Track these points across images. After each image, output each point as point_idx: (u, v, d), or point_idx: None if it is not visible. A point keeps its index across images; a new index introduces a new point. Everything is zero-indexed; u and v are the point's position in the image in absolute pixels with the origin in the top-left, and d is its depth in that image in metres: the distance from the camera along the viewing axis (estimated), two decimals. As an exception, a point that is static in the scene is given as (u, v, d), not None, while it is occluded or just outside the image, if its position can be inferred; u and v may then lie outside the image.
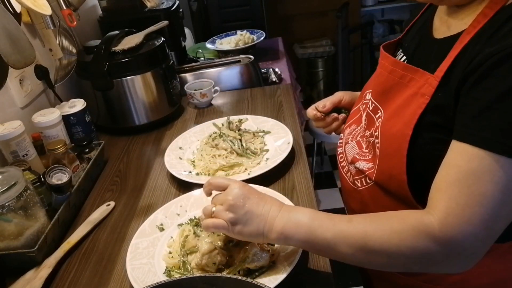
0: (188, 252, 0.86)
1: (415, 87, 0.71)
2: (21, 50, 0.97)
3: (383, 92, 0.79)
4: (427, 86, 0.68)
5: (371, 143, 0.79)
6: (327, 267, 0.83)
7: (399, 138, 0.71)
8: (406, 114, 0.71)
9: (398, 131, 0.71)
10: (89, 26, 1.85)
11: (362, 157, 0.83)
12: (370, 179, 0.79)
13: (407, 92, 0.72)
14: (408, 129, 0.69)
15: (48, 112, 1.25)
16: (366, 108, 0.85)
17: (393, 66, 0.77)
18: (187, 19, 2.52)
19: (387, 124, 0.75)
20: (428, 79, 0.69)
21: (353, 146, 0.87)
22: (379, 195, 0.78)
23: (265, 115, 1.40)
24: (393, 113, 0.74)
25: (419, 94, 0.69)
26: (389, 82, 0.77)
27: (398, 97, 0.74)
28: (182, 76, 1.72)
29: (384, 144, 0.75)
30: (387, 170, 0.74)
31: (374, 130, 0.78)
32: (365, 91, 0.90)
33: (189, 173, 1.15)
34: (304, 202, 1.01)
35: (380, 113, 0.78)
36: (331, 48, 3.72)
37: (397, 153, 0.71)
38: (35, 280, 0.88)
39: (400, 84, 0.74)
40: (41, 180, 1.02)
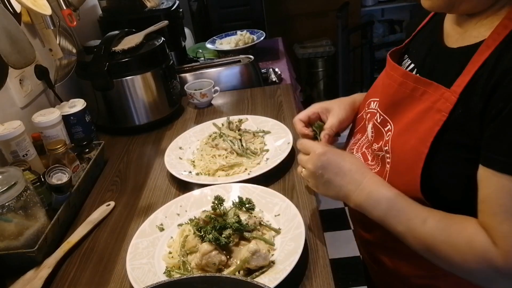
0: (188, 252, 0.86)
1: (429, 101, 0.67)
2: (21, 50, 0.97)
3: (392, 104, 0.76)
4: (443, 101, 0.65)
5: (380, 157, 0.77)
6: (327, 267, 0.83)
7: (414, 156, 0.68)
8: (420, 130, 0.68)
9: (413, 148, 0.69)
10: (89, 26, 1.85)
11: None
12: None
13: (420, 106, 0.69)
14: (424, 147, 0.66)
15: (48, 112, 1.25)
16: (372, 118, 0.82)
17: (404, 78, 0.73)
18: (187, 19, 2.52)
19: (399, 139, 0.72)
20: (443, 94, 0.65)
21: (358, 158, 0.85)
22: None
23: (265, 115, 1.40)
24: (405, 128, 0.71)
25: (434, 109, 0.66)
26: (399, 95, 0.74)
27: (410, 111, 0.71)
28: (182, 76, 1.72)
29: (396, 160, 0.73)
30: (400, 186, 0.72)
31: (384, 144, 0.76)
32: (368, 98, 0.87)
33: (189, 173, 1.15)
34: (304, 202, 1.01)
35: (389, 127, 0.76)
36: (331, 48, 3.72)
37: (411, 170, 0.69)
38: (35, 280, 0.88)
39: (411, 97, 0.71)
40: (41, 180, 1.02)
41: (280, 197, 0.98)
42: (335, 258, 2.35)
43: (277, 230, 0.89)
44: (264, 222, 0.91)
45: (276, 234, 0.89)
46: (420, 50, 0.79)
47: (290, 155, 1.15)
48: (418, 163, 0.67)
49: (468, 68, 0.63)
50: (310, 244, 0.88)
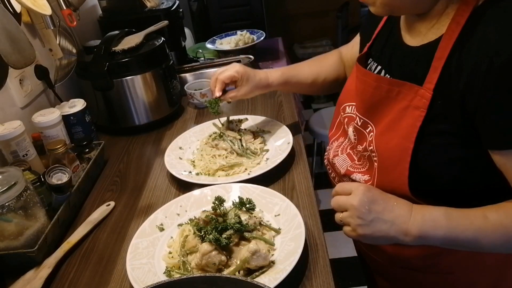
0: (188, 252, 0.86)
1: (406, 100, 0.72)
2: (21, 50, 0.97)
3: (370, 107, 0.79)
4: (419, 98, 0.69)
5: (367, 156, 0.80)
6: (327, 267, 0.83)
7: (400, 152, 0.72)
8: (402, 128, 0.72)
9: (398, 145, 0.72)
10: (89, 26, 1.85)
11: (356, 169, 0.84)
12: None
13: (397, 105, 0.73)
14: (409, 142, 0.70)
15: (48, 112, 1.25)
16: (351, 122, 0.86)
17: (377, 82, 0.77)
18: (187, 19, 2.52)
19: (382, 138, 0.76)
20: (418, 92, 0.70)
21: (344, 159, 0.88)
22: None
23: (265, 115, 1.40)
24: (387, 127, 0.75)
25: (412, 106, 0.70)
26: (375, 98, 0.78)
27: (388, 111, 0.75)
28: (182, 76, 1.72)
29: (382, 158, 0.76)
30: (389, 183, 0.75)
31: (368, 144, 0.79)
32: (342, 103, 0.90)
33: (189, 173, 1.15)
34: (304, 202, 1.01)
35: (371, 128, 0.79)
36: (331, 48, 3.72)
37: (398, 166, 0.72)
38: (35, 280, 0.88)
39: (387, 99, 0.75)
40: (41, 180, 1.02)
41: (280, 197, 0.98)
42: (335, 258, 2.35)
43: (277, 230, 0.89)
44: (264, 222, 0.91)
45: (276, 234, 0.89)
46: (384, 52, 0.83)
47: (290, 155, 1.15)
48: (405, 158, 0.71)
49: (434, 65, 0.68)
50: (310, 244, 0.88)
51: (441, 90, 0.67)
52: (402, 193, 0.73)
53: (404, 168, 0.71)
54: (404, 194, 0.73)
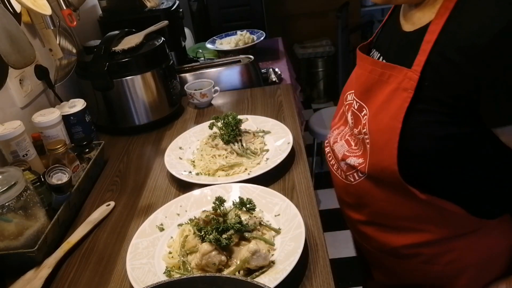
0: (188, 252, 0.86)
1: (395, 83, 0.75)
2: (21, 50, 0.97)
3: (365, 91, 0.83)
4: (407, 80, 0.72)
5: (361, 140, 0.83)
6: (327, 267, 0.83)
7: (389, 132, 0.74)
8: (391, 109, 0.75)
9: (387, 125, 0.75)
10: (89, 26, 1.85)
11: (352, 154, 0.86)
12: (362, 172, 0.82)
13: (388, 88, 0.76)
14: (397, 122, 0.73)
15: (48, 112, 1.25)
16: (350, 108, 0.89)
17: (373, 65, 0.81)
18: (187, 19, 2.52)
19: (373, 120, 0.79)
20: (407, 74, 0.72)
21: (342, 145, 0.90)
22: (373, 187, 0.82)
23: (265, 115, 1.40)
24: (378, 109, 0.78)
25: (401, 89, 0.73)
26: (370, 81, 0.81)
27: (380, 94, 0.78)
28: (182, 76, 1.72)
29: (373, 139, 0.78)
30: (379, 163, 0.78)
31: (362, 127, 0.82)
32: (345, 93, 0.93)
33: (189, 173, 1.15)
34: (304, 202, 1.01)
35: (365, 111, 0.82)
36: (331, 48, 3.72)
37: (387, 146, 0.75)
38: (35, 280, 0.88)
39: (380, 82, 0.78)
40: (41, 180, 1.02)
41: (280, 197, 0.98)
42: (335, 258, 2.35)
43: (277, 230, 0.89)
44: (264, 222, 0.91)
45: (276, 234, 0.89)
46: (384, 41, 0.87)
47: (290, 155, 1.15)
48: (394, 138, 0.73)
49: (423, 48, 0.70)
50: (310, 244, 0.88)
51: (429, 72, 0.70)
52: (391, 174, 0.75)
53: (393, 147, 0.73)
54: (394, 176, 0.75)
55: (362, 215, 0.90)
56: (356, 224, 0.94)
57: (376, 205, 0.84)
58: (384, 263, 0.94)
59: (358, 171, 0.83)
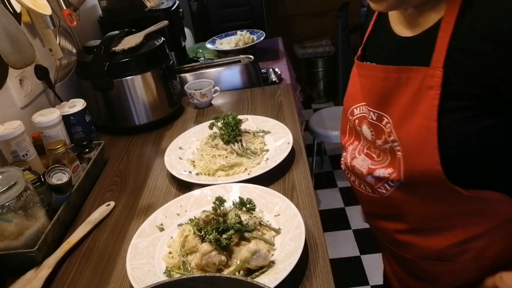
0: (188, 252, 0.86)
1: (416, 83, 0.73)
2: (21, 50, 0.97)
3: (382, 99, 0.80)
4: (430, 78, 0.70)
5: (387, 149, 0.80)
6: (327, 267, 0.83)
7: (425, 133, 0.72)
8: (421, 110, 0.72)
9: (421, 127, 0.72)
10: (89, 26, 1.85)
11: (378, 166, 0.83)
12: (393, 181, 0.79)
13: (408, 91, 0.74)
14: (431, 121, 0.71)
15: (48, 112, 1.25)
16: (363, 121, 0.85)
17: (385, 72, 0.78)
18: (187, 19, 2.52)
19: (402, 125, 0.76)
20: (427, 72, 0.71)
21: (363, 159, 0.87)
22: (408, 194, 0.79)
23: (265, 115, 1.40)
24: (404, 114, 0.75)
25: (425, 87, 0.71)
26: (386, 88, 0.78)
27: (401, 98, 0.76)
28: (182, 76, 1.72)
29: (406, 144, 0.75)
30: (417, 167, 0.74)
31: (387, 135, 0.79)
32: (349, 108, 0.90)
33: (189, 173, 1.15)
34: (304, 202, 1.01)
35: (386, 120, 0.79)
36: (331, 48, 3.72)
37: (425, 148, 0.72)
38: (35, 280, 0.88)
39: (398, 87, 0.76)
40: (41, 180, 1.02)
41: (280, 197, 0.98)
42: (335, 258, 2.35)
43: (277, 230, 0.89)
44: (264, 222, 0.91)
45: (276, 234, 0.89)
46: (378, 51, 0.85)
47: (290, 155, 1.15)
48: (431, 138, 0.71)
49: (439, 45, 0.69)
50: (310, 244, 0.88)
51: (452, 68, 0.68)
52: (434, 176, 0.73)
53: (433, 147, 0.71)
54: (436, 177, 0.73)
55: (400, 224, 0.86)
56: (392, 234, 0.90)
57: (415, 211, 0.81)
58: (428, 269, 0.90)
59: (388, 181, 0.80)
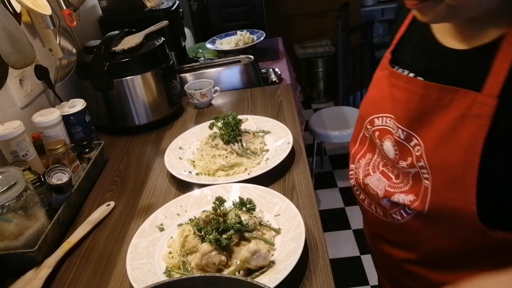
0: (188, 252, 0.86)
1: (461, 108, 0.64)
2: (21, 50, 0.97)
3: (416, 118, 0.70)
4: (479, 106, 0.62)
5: (412, 174, 0.72)
6: (327, 267, 0.83)
7: (463, 167, 0.64)
8: (462, 139, 0.64)
9: (460, 159, 0.64)
10: (89, 26, 1.85)
11: (397, 189, 0.75)
12: (411, 209, 0.72)
13: (450, 114, 0.65)
14: (474, 155, 0.62)
15: (48, 112, 1.25)
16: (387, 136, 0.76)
17: (426, 89, 0.69)
18: (187, 19, 2.52)
19: (436, 152, 0.67)
20: (476, 98, 0.62)
21: (379, 179, 0.79)
22: (428, 224, 0.72)
23: (265, 115, 1.40)
24: (440, 139, 0.67)
25: (471, 115, 0.62)
26: (422, 107, 0.69)
27: (439, 121, 0.67)
28: (182, 76, 1.72)
29: (438, 175, 0.67)
30: (447, 202, 0.67)
31: (416, 160, 0.70)
32: (368, 116, 0.81)
33: (189, 173, 1.15)
34: (304, 202, 1.01)
35: (416, 141, 0.71)
36: (331, 48, 3.72)
37: (461, 183, 0.64)
38: (35, 280, 0.88)
39: (438, 107, 0.67)
40: (41, 180, 1.02)
41: (280, 197, 0.98)
42: (335, 258, 2.35)
43: (277, 230, 0.89)
44: (264, 222, 0.91)
45: (276, 234, 0.89)
46: (415, 57, 0.75)
47: (290, 155, 1.15)
48: (470, 173, 0.63)
49: (496, 68, 0.60)
50: (310, 244, 0.88)
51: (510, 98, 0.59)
52: (465, 214, 0.65)
53: (471, 185, 0.63)
54: (468, 216, 0.65)
55: (410, 253, 0.80)
56: (401, 263, 0.83)
57: (431, 243, 0.74)
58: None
59: (406, 207, 0.73)
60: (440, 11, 0.60)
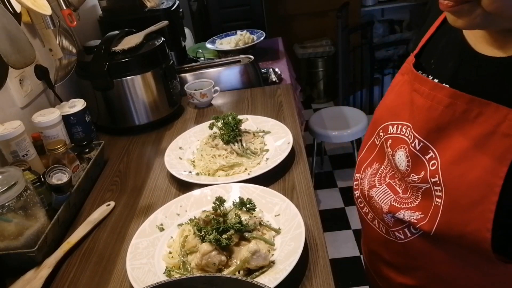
0: (188, 252, 0.86)
1: (489, 124, 0.58)
2: (21, 50, 0.97)
3: (436, 129, 0.65)
4: (511, 124, 0.56)
5: (422, 189, 0.67)
6: (327, 267, 0.83)
7: (482, 189, 0.58)
8: (485, 159, 0.58)
9: (479, 180, 0.59)
10: (89, 26, 1.85)
11: (403, 205, 0.70)
12: (417, 229, 0.68)
13: (475, 130, 0.60)
14: (496, 177, 0.57)
15: (48, 112, 1.25)
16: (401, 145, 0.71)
17: (453, 98, 0.62)
18: (187, 19, 2.52)
19: (454, 169, 0.62)
20: (508, 116, 0.56)
21: (384, 191, 0.74)
22: (433, 247, 0.68)
23: (265, 115, 1.40)
24: (460, 156, 0.61)
25: (500, 133, 0.57)
26: (445, 118, 0.63)
27: (461, 136, 0.61)
28: (182, 76, 1.72)
29: (454, 194, 0.62)
30: (459, 225, 0.61)
31: (430, 175, 0.65)
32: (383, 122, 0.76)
33: (189, 173, 1.15)
34: (304, 202, 1.01)
35: (432, 154, 0.65)
36: (331, 48, 3.72)
37: (478, 206, 0.59)
38: (35, 280, 0.88)
39: (462, 120, 0.61)
40: (41, 180, 1.02)
41: (280, 197, 0.98)
42: (335, 258, 2.35)
43: (277, 230, 0.89)
44: (264, 222, 0.91)
45: (276, 234, 0.89)
46: (443, 62, 0.68)
47: (290, 155, 1.15)
48: (490, 199, 0.58)
49: None
50: (310, 244, 0.88)
51: None
52: (477, 241, 0.60)
53: (488, 210, 0.58)
54: (479, 243, 0.60)
55: (411, 278, 0.75)
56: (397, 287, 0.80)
57: (435, 269, 0.70)
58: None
59: (411, 226, 0.68)
60: (476, 17, 0.54)
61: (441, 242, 0.66)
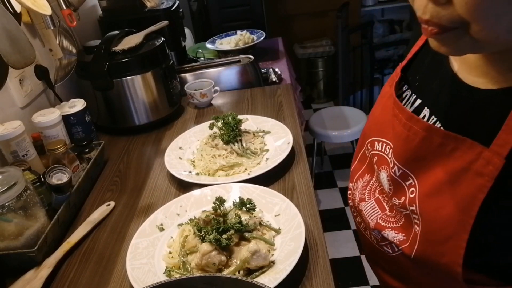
0: (188, 252, 0.86)
1: (463, 161, 0.56)
2: (21, 50, 0.97)
3: (414, 159, 0.64)
4: (484, 163, 0.54)
5: (404, 214, 0.67)
6: (327, 267, 0.83)
7: (455, 226, 0.58)
8: (458, 195, 0.57)
9: (452, 216, 0.58)
10: (89, 26, 1.85)
11: (388, 225, 0.70)
12: (399, 248, 0.67)
13: (451, 164, 0.58)
14: (468, 216, 0.55)
15: (48, 112, 1.25)
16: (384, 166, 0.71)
17: (428, 132, 0.61)
18: (187, 19, 2.52)
19: (430, 202, 0.61)
20: (482, 154, 0.54)
21: (372, 207, 0.74)
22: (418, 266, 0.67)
23: (265, 115, 1.40)
24: (436, 189, 0.60)
25: (473, 171, 0.55)
26: (422, 150, 0.62)
27: (438, 168, 0.60)
28: (182, 76, 1.72)
29: (429, 226, 0.61)
30: (433, 255, 0.62)
31: (409, 203, 0.64)
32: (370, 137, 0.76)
33: (189, 173, 1.15)
34: (304, 202, 1.01)
35: (412, 181, 0.64)
36: (331, 48, 3.72)
37: (450, 240, 0.58)
38: (35, 280, 0.88)
39: (438, 153, 0.60)
40: (41, 180, 1.02)
41: (280, 197, 0.98)
42: (335, 258, 2.35)
43: (277, 230, 0.89)
44: (264, 222, 0.91)
45: (276, 234, 0.89)
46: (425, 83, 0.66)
47: (290, 155, 1.15)
48: (461, 236, 0.57)
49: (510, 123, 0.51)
50: (310, 244, 0.88)
51: None
52: (450, 271, 0.60)
53: (459, 247, 0.57)
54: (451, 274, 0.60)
55: (404, 285, 0.76)
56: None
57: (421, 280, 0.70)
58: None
59: (394, 245, 0.68)
60: (463, 44, 0.49)
61: (421, 265, 0.65)
